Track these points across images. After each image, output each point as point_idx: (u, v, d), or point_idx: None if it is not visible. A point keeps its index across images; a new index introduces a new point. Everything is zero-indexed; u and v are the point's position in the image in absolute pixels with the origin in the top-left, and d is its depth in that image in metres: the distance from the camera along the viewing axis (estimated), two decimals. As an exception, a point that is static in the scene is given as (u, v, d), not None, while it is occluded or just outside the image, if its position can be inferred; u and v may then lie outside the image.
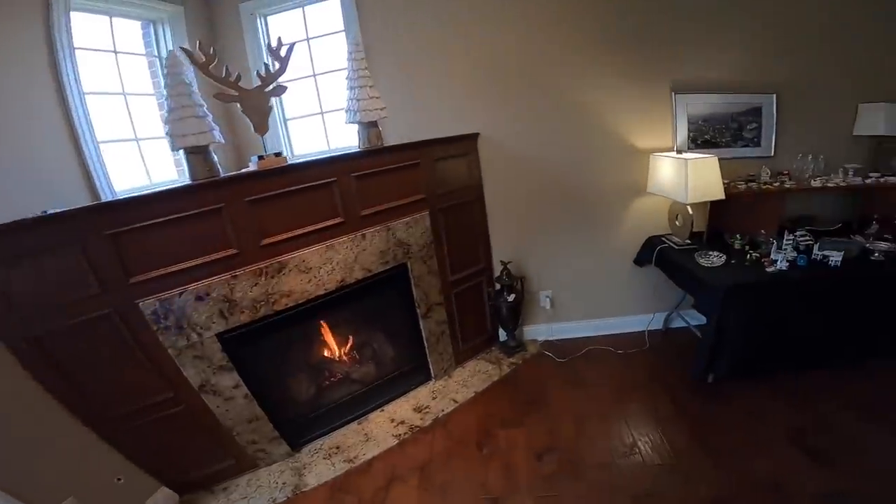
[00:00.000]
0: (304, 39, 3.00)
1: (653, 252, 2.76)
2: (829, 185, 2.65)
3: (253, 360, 2.20)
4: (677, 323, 3.12)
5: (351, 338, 2.85)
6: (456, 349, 2.92)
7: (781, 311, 2.26)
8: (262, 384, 2.26)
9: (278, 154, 2.02)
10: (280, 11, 2.99)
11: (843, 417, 2.16)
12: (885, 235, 2.46)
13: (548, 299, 3.12)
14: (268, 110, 2.07)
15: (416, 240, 2.56)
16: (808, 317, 2.30)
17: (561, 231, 3.01)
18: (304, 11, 3.00)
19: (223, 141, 1.97)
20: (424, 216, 2.57)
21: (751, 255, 2.37)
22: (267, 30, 2.98)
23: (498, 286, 2.87)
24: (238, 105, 1.99)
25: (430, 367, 2.82)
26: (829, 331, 2.35)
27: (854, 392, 2.32)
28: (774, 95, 2.70)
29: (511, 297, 2.83)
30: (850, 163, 2.80)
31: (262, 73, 2.06)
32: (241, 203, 1.94)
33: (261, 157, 1.99)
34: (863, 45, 2.67)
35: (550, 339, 3.20)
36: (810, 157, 2.73)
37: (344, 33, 2.76)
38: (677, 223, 2.71)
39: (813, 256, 2.34)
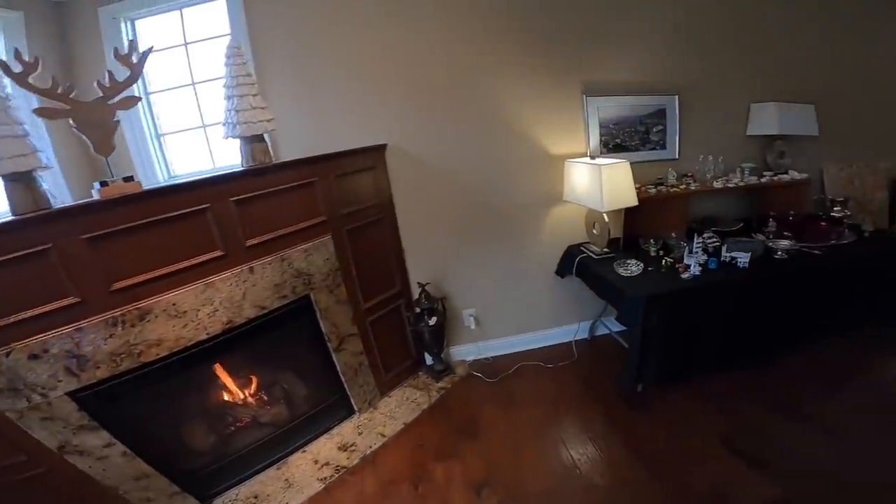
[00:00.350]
0: (182, 45, 2.64)
1: (573, 262, 2.69)
2: (729, 185, 2.73)
3: (127, 415, 1.83)
4: (601, 330, 3.08)
5: (255, 379, 2.50)
6: (379, 379, 2.68)
7: (700, 316, 2.25)
8: (146, 439, 1.92)
9: (128, 178, 1.66)
10: (150, 15, 2.61)
11: (770, 418, 2.18)
12: (785, 233, 2.55)
13: (472, 318, 2.94)
14: (113, 126, 1.71)
15: (319, 268, 2.29)
16: (725, 318, 2.32)
17: (480, 246, 2.85)
18: (181, 14, 2.64)
19: (52, 165, 1.59)
20: (327, 241, 2.30)
21: (666, 262, 2.35)
22: (134, 35, 2.58)
23: (418, 310, 2.65)
24: (70, 121, 1.62)
25: (352, 400, 2.56)
26: (745, 330, 2.38)
27: (775, 390, 2.35)
28: (676, 96, 2.75)
29: (433, 321, 2.62)
30: (746, 162, 2.92)
31: (105, 82, 1.71)
32: (77, 241, 1.57)
33: (104, 184, 1.63)
34: (752, 45, 2.80)
35: (479, 358, 3.02)
36: (710, 158, 2.80)
37: (230, 37, 2.44)
38: (595, 231, 2.66)
39: (722, 258, 2.37)
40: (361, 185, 2.46)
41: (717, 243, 2.52)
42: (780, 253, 2.39)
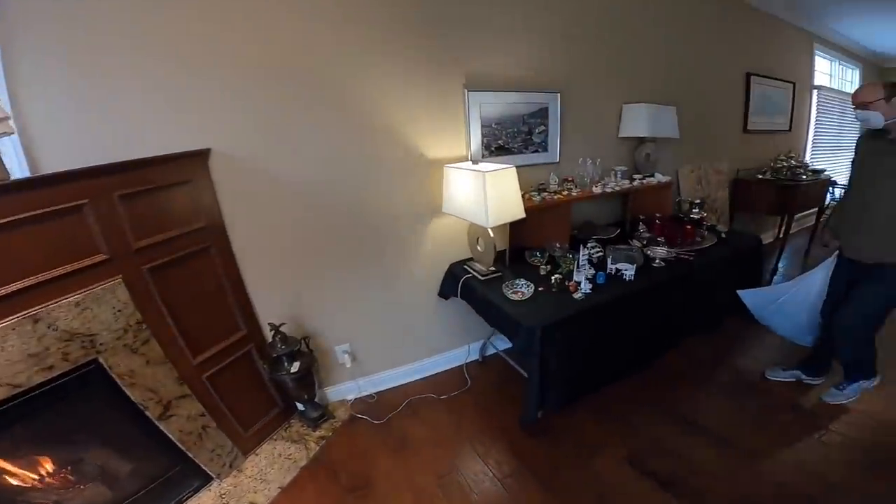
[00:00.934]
0: None
1: (457, 284, 2.34)
2: (607, 189, 2.64)
3: None
4: (492, 349, 2.83)
5: (47, 459, 1.71)
6: (237, 438, 2.07)
7: (595, 334, 2.10)
8: None
9: None
10: None
11: (670, 433, 2.16)
12: (658, 238, 2.55)
13: (346, 354, 2.41)
14: None
15: (107, 324, 1.55)
16: (618, 332, 2.22)
17: (349, 271, 2.28)
18: None
19: None
20: (114, 286, 1.56)
21: (556, 280, 2.13)
22: None
23: (274, 356, 2.05)
24: None
25: (204, 468, 1.94)
26: (634, 340, 2.32)
27: (670, 403, 2.37)
28: (559, 94, 2.54)
29: (295, 367, 2.05)
30: (619, 165, 2.88)
31: None
32: None
33: None
34: (623, 48, 2.72)
35: (362, 395, 2.53)
36: (589, 161, 2.68)
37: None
38: (479, 248, 2.34)
39: (608, 270, 2.25)
40: (171, 205, 1.74)
41: (601, 253, 2.42)
42: (657, 261, 2.36)
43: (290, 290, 2.17)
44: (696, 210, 2.94)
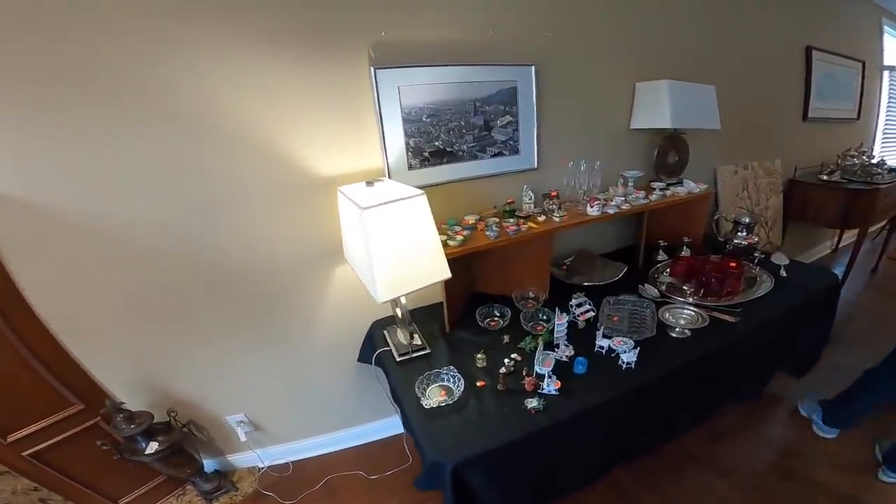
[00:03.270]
0: None
1: (374, 353, 1.56)
2: (607, 210, 1.75)
3: None
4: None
5: None
6: None
7: (558, 457, 1.28)
8: None
9: None
10: None
11: None
12: (684, 286, 1.67)
13: (242, 424, 1.80)
14: None
15: None
16: (595, 449, 1.39)
17: (224, 335, 1.60)
18: None
19: None
20: None
21: (507, 368, 1.31)
22: None
23: (125, 436, 1.51)
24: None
25: None
26: (625, 437, 1.46)
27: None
28: (533, 68, 1.65)
29: (153, 447, 1.53)
30: (629, 169, 1.99)
31: None
32: None
33: None
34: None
35: (277, 463, 1.95)
36: (584, 165, 1.79)
37: None
38: (398, 311, 1.51)
39: (597, 349, 1.41)
40: None
41: (592, 313, 1.57)
42: (678, 330, 1.48)
43: (145, 360, 1.56)
44: (744, 233, 2.03)
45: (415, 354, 1.49)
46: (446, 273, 1.28)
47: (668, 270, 1.87)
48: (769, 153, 2.65)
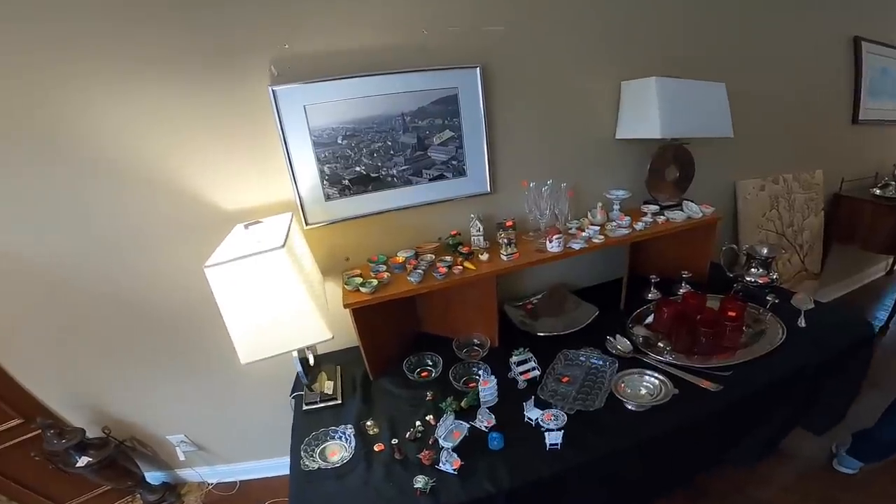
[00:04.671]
0: None
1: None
2: (573, 246, 1.45)
3: None
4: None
5: None
6: None
7: None
8: None
9: None
10: None
11: None
12: (660, 341, 1.35)
13: (184, 444, 1.77)
14: None
15: None
16: None
17: (152, 360, 1.57)
18: None
19: None
20: None
21: (413, 436, 1.12)
22: None
23: (50, 450, 1.55)
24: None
25: None
26: None
27: None
28: (478, 70, 1.36)
29: (83, 461, 1.55)
30: (615, 189, 1.66)
31: None
32: None
33: None
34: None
35: (225, 481, 1.91)
36: (547, 187, 1.48)
37: None
38: (309, 355, 1.32)
39: (526, 420, 1.15)
40: None
41: (536, 372, 1.30)
42: (632, 403, 1.17)
43: (78, 382, 1.57)
44: (758, 269, 1.65)
45: (322, 404, 1.31)
46: (324, 334, 1.06)
47: (651, 316, 1.55)
48: (808, 163, 2.17)
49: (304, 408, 1.31)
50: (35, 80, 1.11)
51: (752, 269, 1.66)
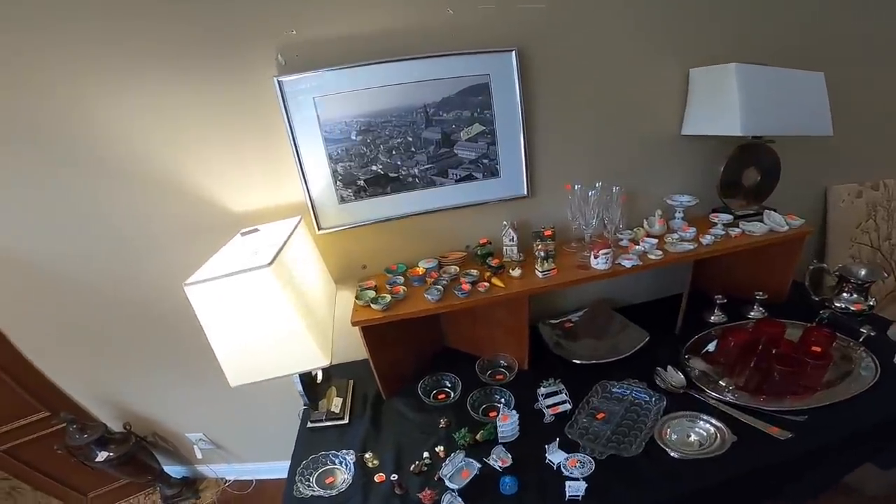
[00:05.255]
0: None
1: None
2: (624, 262, 1.23)
3: None
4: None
5: None
6: (68, 498, 1.83)
7: None
8: None
9: None
10: None
11: None
12: (723, 377, 1.13)
13: (201, 442, 1.78)
14: None
15: None
16: None
17: (167, 363, 1.55)
18: None
19: None
20: None
21: (419, 468, 1.02)
22: None
23: (72, 444, 1.59)
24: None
25: None
26: None
27: None
28: (514, 53, 1.15)
29: (102, 456, 1.59)
30: (680, 194, 1.42)
31: None
32: None
33: None
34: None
35: (242, 479, 1.91)
36: (594, 192, 1.26)
37: None
38: (318, 373, 1.21)
39: (547, 462, 0.99)
40: None
41: (567, 406, 1.12)
42: (676, 453, 0.97)
43: (103, 381, 1.60)
44: (851, 294, 1.36)
45: (328, 423, 1.21)
46: (318, 360, 0.93)
47: (714, 344, 1.31)
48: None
49: (309, 425, 1.22)
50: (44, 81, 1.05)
51: (844, 294, 1.37)
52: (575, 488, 0.92)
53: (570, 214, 1.31)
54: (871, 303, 1.35)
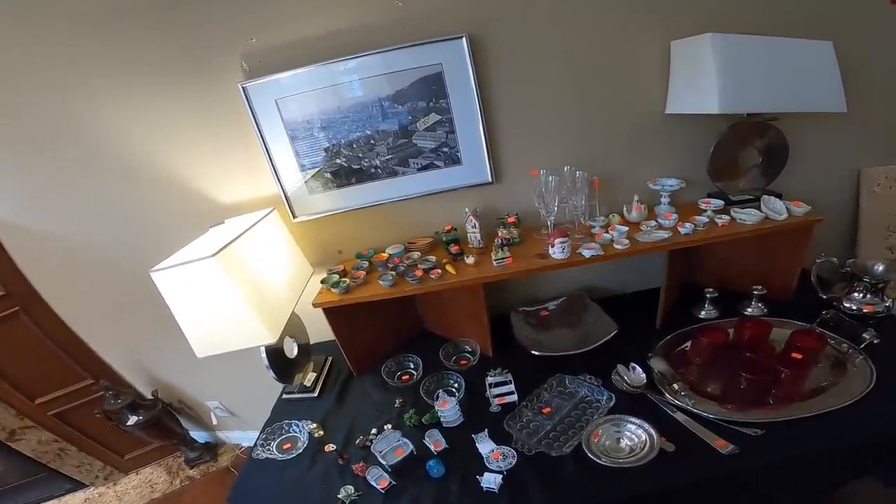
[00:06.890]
0: None
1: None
2: (584, 251, 1.21)
3: None
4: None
5: None
6: (108, 459, 2.13)
7: None
8: None
9: None
10: None
11: None
12: (679, 384, 1.09)
13: (218, 410, 2.01)
14: None
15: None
16: None
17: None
18: None
19: None
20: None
21: (363, 443, 1.11)
22: None
23: (107, 408, 1.84)
24: None
25: (73, 476, 2.09)
26: None
27: None
28: (464, 40, 1.15)
29: (133, 420, 1.82)
30: (665, 178, 1.34)
31: None
32: None
33: None
34: None
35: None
36: (553, 176, 1.24)
37: None
38: (293, 346, 1.35)
39: (485, 463, 1.01)
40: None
41: (512, 397, 1.16)
42: (605, 459, 0.96)
43: (137, 350, 1.81)
44: (862, 294, 1.21)
45: (299, 395, 1.35)
46: (265, 338, 1.05)
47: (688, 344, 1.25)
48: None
49: (284, 396, 1.36)
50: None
51: (855, 294, 1.21)
52: (489, 480, 0.94)
53: (536, 201, 1.29)
54: (888, 304, 1.18)
